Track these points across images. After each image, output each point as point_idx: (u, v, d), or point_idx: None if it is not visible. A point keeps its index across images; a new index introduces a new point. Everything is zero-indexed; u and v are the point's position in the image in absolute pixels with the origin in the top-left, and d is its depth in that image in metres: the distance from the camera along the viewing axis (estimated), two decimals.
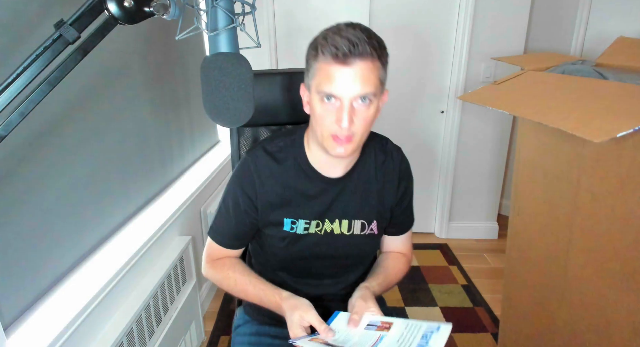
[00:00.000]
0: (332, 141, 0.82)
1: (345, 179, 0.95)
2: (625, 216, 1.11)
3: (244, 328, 1.08)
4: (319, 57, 0.78)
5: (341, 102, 0.78)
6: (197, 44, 2.09)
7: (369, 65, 0.77)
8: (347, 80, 0.76)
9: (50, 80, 0.59)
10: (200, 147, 2.13)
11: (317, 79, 0.80)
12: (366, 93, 0.78)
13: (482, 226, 2.77)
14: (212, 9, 0.68)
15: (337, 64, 0.76)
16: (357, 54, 0.75)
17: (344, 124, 0.78)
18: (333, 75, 0.77)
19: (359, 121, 0.80)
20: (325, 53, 0.76)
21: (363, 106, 0.80)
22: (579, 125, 1.00)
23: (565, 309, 1.32)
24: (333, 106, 0.79)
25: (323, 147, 0.85)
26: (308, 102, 0.86)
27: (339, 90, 0.77)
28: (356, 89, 0.77)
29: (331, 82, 0.77)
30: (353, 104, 0.79)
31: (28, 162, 0.99)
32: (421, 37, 2.45)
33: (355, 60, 0.76)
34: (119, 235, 1.36)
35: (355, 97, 0.78)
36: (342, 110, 0.78)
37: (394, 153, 1.02)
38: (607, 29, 2.32)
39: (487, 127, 2.58)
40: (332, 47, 0.75)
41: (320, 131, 0.83)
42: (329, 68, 0.77)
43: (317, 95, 0.80)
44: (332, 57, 0.76)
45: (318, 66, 0.79)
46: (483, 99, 1.32)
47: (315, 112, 0.82)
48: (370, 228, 0.98)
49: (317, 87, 0.80)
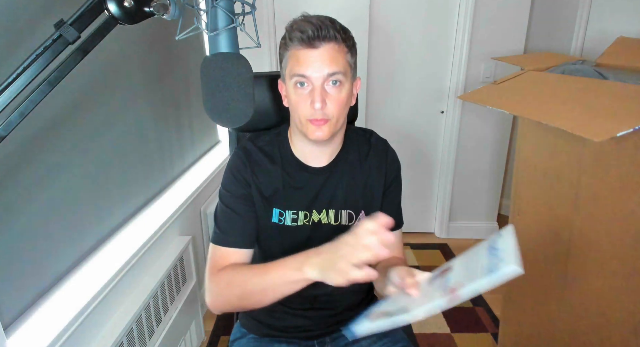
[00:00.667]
0: (310, 125, 0.86)
1: (329, 169, 0.97)
2: (625, 216, 1.11)
3: (240, 343, 1.06)
4: (288, 45, 0.84)
5: (312, 85, 0.83)
6: (197, 44, 2.09)
7: (335, 47, 0.82)
8: (315, 61, 0.81)
9: (50, 80, 0.59)
10: (200, 147, 2.13)
11: (289, 66, 0.85)
12: (334, 72, 0.82)
13: (482, 226, 2.77)
14: (212, 9, 0.68)
15: (304, 47, 0.82)
16: (322, 36, 0.81)
17: (316, 105, 0.82)
18: (301, 57, 0.82)
19: (332, 103, 0.84)
20: (293, 39, 0.82)
21: (334, 89, 0.84)
22: (579, 124, 1.00)
23: (565, 309, 1.32)
24: (306, 90, 0.84)
25: (303, 133, 0.89)
26: (285, 95, 0.91)
27: (308, 71, 0.82)
28: (324, 69, 0.82)
29: (300, 64, 0.82)
30: (325, 86, 0.83)
31: (28, 162, 0.99)
32: (421, 37, 2.45)
33: (321, 43, 0.81)
34: (119, 235, 1.36)
35: (325, 78, 0.82)
36: (313, 92, 0.83)
37: (379, 144, 1.02)
38: (607, 29, 2.32)
39: (487, 127, 2.58)
40: (297, 32, 0.81)
41: (298, 117, 0.87)
42: (297, 53, 0.82)
43: (291, 81, 0.85)
44: (299, 42, 0.81)
45: (289, 54, 0.84)
46: (483, 99, 1.32)
47: (292, 99, 0.87)
48: (359, 219, 0.98)
49: (289, 72, 0.85)
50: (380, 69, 2.50)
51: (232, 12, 0.69)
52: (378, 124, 2.59)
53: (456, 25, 2.42)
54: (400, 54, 2.48)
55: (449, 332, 1.91)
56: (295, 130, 0.94)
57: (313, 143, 0.91)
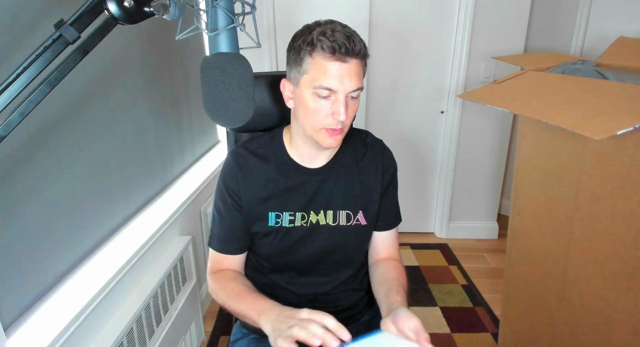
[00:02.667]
0: (324, 133, 0.86)
1: (325, 170, 0.97)
2: (625, 216, 1.11)
3: (242, 343, 1.06)
4: (316, 52, 0.81)
5: (336, 96, 0.83)
6: (197, 44, 2.09)
7: (360, 62, 0.84)
8: (344, 76, 0.81)
9: (50, 80, 0.59)
10: (200, 147, 2.13)
11: (312, 74, 0.83)
12: (358, 88, 0.84)
13: (482, 226, 2.77)
14: (212, 9, 0.68)
15: (335, 60, 0.80)
16: (355, 51, 0.80)
17: (342, 117, 0.83)
18: (331, 70, 0.81)
19: (349, 113, 0.86)
20: (325, 48, 0.80)
21: (352, 100, 0.86)
22: (579, 122, 1.00)
23: (565, 309, 1.32)
24: (328, 100, 0.84)
25: (313, 140, 0.89)
26: (291, 97, 0.90)
27: (336, 85, 0.81)
28: (352, 84, 0.82)
29: (329, 77, 0.81)
30: (346, 98, 0.84)
31: (28, 162, 0.99)
32: (421, 37, 2.45)
33: (352, 58, 0.81)
34: (119, 235, 1.36)
35: (350, 92, 0.83)
36: (339, 104, 0.83)
37: (375, 145, 1.03)
38: (607, 29, 2.32)
39: (487, 127, 2.58)
40: (333, 43, 0.79)
41: (311, 125, 0.86)
42: (327, 63, 0.81)
43: (311, 89, 0.83)
44: (330, 53, 0.80)
45: (314, 61, 0.82)
46: (483, 98, 1.32)
47: (308, 106, 0.85)
48: (357, 219, 0.99)
49: (312, 81, 0.83)
50: (380, 69, 2.50)
51: (232, 12, 0.69)
52: (378, 124, 2.59)
53: (456, 25, 2.42)
54: (400, 54, 2.48)
55: (449, 332, 1.92)
56: (299, 132, 0.93)
57: (317, 147, 0.92)
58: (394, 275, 0.97)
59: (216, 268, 0.99)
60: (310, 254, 0.98)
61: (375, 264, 1.04)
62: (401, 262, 1.05)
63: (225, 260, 0.99)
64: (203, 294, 2.03)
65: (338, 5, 2.34)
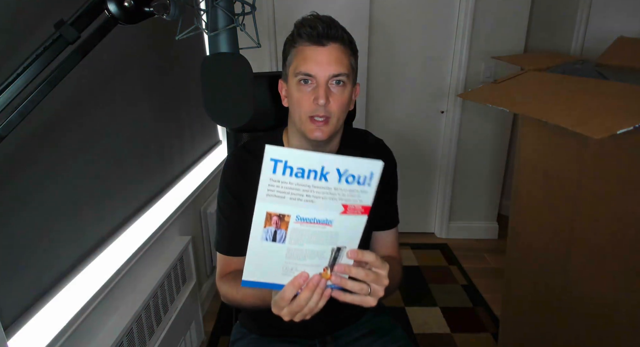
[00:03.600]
0: (310, 123, 0.86)
1: None
2: (625, 215, 1.11)
3: (242, 343, 1.06)
4: (296, 41, 0.84)
5: (317, 82, 0.83)
6: (197, 44, 2.09)
7: (342, 48, 0.84)
8: (323, 60, 0.82)
9: (50, 80, 0.59)
10: (200, 147, 2.13)
11: (294, 63, 0.85)
12: (339, 72, 0.83)
13: (482, 226, 2.77)
14: (212, 9, 0.68)
15: (313, 44, 0.82)
16: (332, 35, 0.82)
17: (321, 101, 0.82)
18: (309, 55, 0.82)
19: (335, 101, 0.85)
20: (302, 35, 0.82)
21: (338, 88, 0.85)
22: (579, 121, 1.00)
23: (565, 309, 1.32)
24: (310, 87, 0.84)
25: (302, 132, 0.89)
26: (286, 94, 0.91)
27: (315, 69, 0.82)
28: (331, 68, 0.82)
29: (307, 62, 0.82)
30: (328, 84, 0.84)
31: (28, 162, 0.99)
32: (421, 37, 2.45)
33: (330, 42, 0.82)
34: (119, 235, 1.36)
35: (331, 77, 0.83)
36: (318, 88, 0.83)
37: (375, 145, 1.03)
38: (607, 29, 2.32)
39: (487, 127, 2.58)
40: (308, 28, 0.81)
41: (298, 115, 0.87)
42: (305, 49, 0.83)
43: (295, 78, 0.85)
44: (308, 38, 0.82)
45: (295, 50, 0.84)
46: (483, 97, 1.32)
47: (293, 96, 0.86)
48: None
49: (294, 70, 0.85)
50: (380, 69, 2.50)
51: (232, 12, 0.69)
52: (378, 124, 2.59)
53: (456, 24, 2.42)
54: (400, 54, 2.48)
55: (449, 332, 1.91)
56: (293, 130, 0.94)
57: (311, 143, 0.91)
58: None
59: (224, 272, 0.98)
60: None
61: None
62: (400, 262, 1.05)
63: (233, 262, 0.97)
64: (203, 294, 2.03)
65: (338, 5, 2.34)
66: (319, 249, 0.63)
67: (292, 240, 0.61)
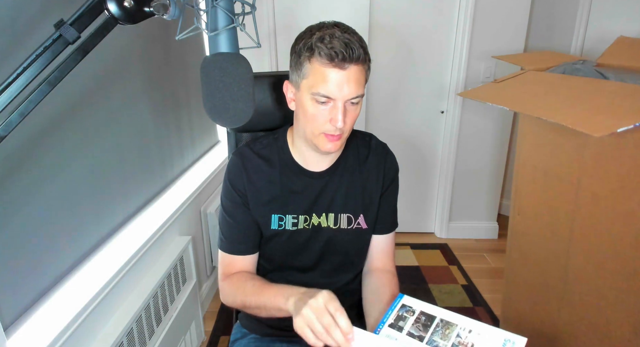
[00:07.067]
0: (323, 138, 0.86)
1: (328, 173, 0.97)
2: (625, 216, 1.11)
3: (242, 343, 1.06)
4: (314, 58, 0.80)
5: (335, 103, 0.82)
6: (197, 44, 2.09)
7: (360, 68, 0.81)
8: (342, 83, 0.80)
9: (50, 80, 0.59)
10: (200, 147, 2.13)
11: (310, 80, 0.82)
12: (358, 95, 0.82)
13: (482, 226, 2.77)
14: (212, 9, 0.68)
15: (333, 67, 0.79)
16: (353, 58, 0.79)
17: (339, 124, 0.82)
18: (329, 77, 0.80)
19: (349, 120, 0.85)
20: (323, 55, 0.79)
21: (352, 106, 0.84)
22: (579, 120, 1.00)
23: (565, 309, 1.32)
24: (326, 106, 0.83)
25: (312, 143, 0.88)
26: (294, 99, 0.89)
27: (334, 93, 0.80)
28: (350, 91, 0.81)
29: (327, 84, 0.80)
30: (345, 104, 0.82)
31: (28, 162, 0.99)
32: (421, 37, 2.45)
33: (351, 64, 0.79)
34: (119, 235, 1.36)
35: (349, 99, 0.82)
36: (337, 112, 0.82)
37: (378, 148, 1.03)
38: (607, 29, 2.32)
39: (488, 127, 2.58)
40: (330, 50, 0.78)
41: (310, 129, 0.86)
42: (324, 70, 0.80)
43: (310, 95, 0.83)
44: (328, 60, 0.78)
45: (312, 67, 0.81)
46: (483, 96, 1.32)
47: (307, 111, 0.84)
48: (357, 222, 0.99)
49: (310, 87, 0.82)
50: (380, 69, 2.50)
51: (232, 12, 0.69)
52: (378, 124, 2.59)
53: (456, 24, 2.42)
54: (400, 54, 2.48)
55: None
56: (300, 136, 0.92)
57: (319, 151, 0.91)
58: (387, 297, 0.96)
59: (228, 272, 0.97)
60: (311, 256, 0.98)
61: (370, 274, 1.04)
62: (395, 275, 1.04)
63: (236, 262, 0.97)
64: (203, 294, 2.03)
65: (338, 5, 2.34)
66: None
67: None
